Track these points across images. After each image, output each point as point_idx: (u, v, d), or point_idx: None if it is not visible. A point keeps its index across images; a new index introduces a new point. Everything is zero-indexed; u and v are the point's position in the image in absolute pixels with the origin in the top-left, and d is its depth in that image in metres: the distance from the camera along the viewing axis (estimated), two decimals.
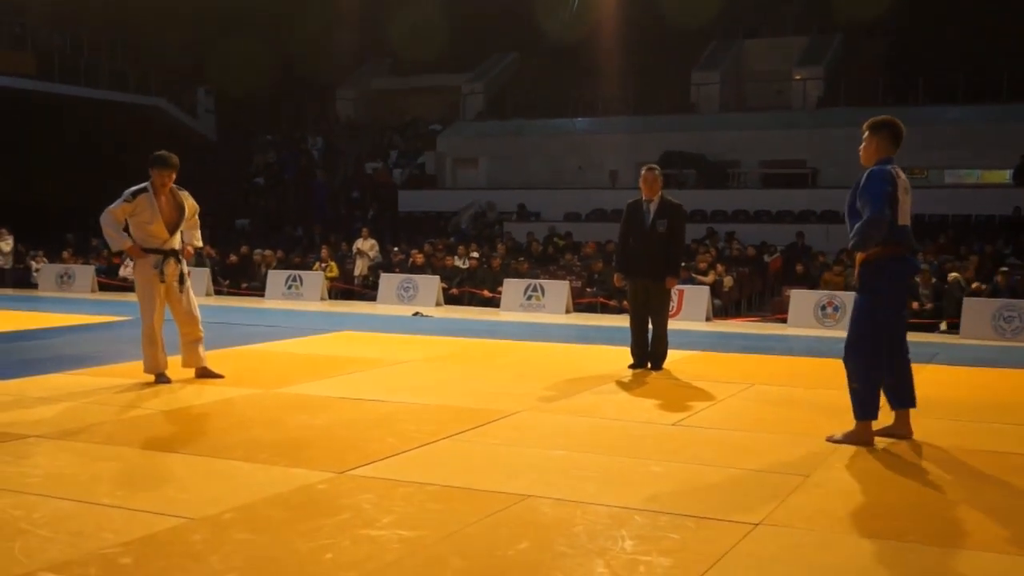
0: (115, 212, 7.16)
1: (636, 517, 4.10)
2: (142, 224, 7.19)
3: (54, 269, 19.54)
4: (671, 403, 6.81)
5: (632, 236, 8.28)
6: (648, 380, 7.88)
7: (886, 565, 3.58)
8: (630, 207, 8.42)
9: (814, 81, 24.78)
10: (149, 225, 7.18)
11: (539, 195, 23.03)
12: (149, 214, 7.17)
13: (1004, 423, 6.23)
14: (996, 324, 12.39)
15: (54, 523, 3.92)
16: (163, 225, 7.21)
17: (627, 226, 8.36)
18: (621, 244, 8.53)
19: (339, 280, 18.10)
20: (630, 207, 8.42)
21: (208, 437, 5.71)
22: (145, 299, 7.27)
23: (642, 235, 8.20)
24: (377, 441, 5.42)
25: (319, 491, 4.44)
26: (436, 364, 8.74)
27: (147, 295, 7.25)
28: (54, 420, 5.91)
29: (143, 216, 7.16)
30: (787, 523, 4.04)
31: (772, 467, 4.97)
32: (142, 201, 7.15)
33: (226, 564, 3.49)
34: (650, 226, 8.19)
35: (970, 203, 20.10)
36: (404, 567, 3.50)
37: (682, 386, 7.60)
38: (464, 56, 28.35)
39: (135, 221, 7.19)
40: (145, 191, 7.18)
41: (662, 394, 7.21)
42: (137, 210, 7.15)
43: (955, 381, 8.21)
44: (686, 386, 7.60)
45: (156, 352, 7.25)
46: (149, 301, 7.25)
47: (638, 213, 8.29)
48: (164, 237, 7.23)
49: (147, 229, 7.19)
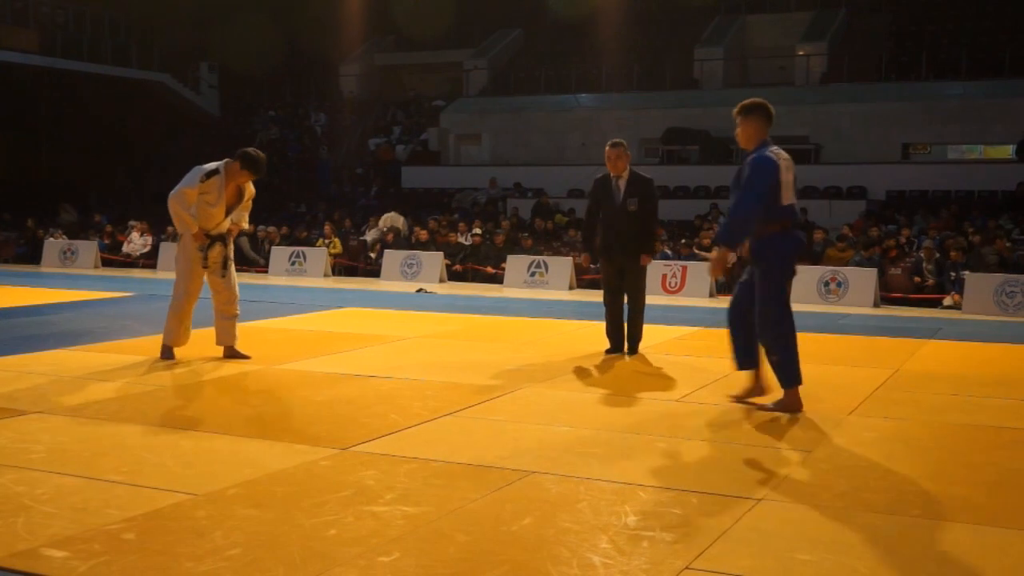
0: (188, 193, 7.05)
1: (639, 493, 4.08)
2: (205, 205, 7.10)
3: (57, 245, 19.51)
4: (674, 379, 6.79)
5: (603, 214, 7.83)
6: (651, 356, 7.86)
7: (888, 539, 3.57)
8: (598, 183, 7.91)
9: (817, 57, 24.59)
10: (212, 208, 7.11)
11: (542, 171, 22.94)
12: (215, 197, 7.09)
13: (1006, 398, 6.20)
14: (998, 299, 12.34)
15: (57, 499, 3.91)
16: (223, 209, 7.16)
17: (595, 204, 7.91)
18: (588, 222, 8.10)
19: (343, 256, 18.07)
20: (598, 183, 7.91)
21: (212, 413, 5.70)
22: (184, 276, 7.24)
23: (613, 213, 7.75)
24: (380, 417, 5.41)
25: (322, 467, 4.43)
26: (439, 341, 8.72)
27: (188, 272, 7.21)
28: (57, 396, 5.90)
29: (209, 198, 7.09)
30: (790, 498, 4.03)
31: (775, 442, 4.95)
32: (213, 183, 7.06)
33: (229, 540, 3.48)
34: (621, 203, 7.72)
35: (973, 178, 20.00)
36: (407, 543, 3.48)
37: (685, 362, 7.58)
38: (467, 32, 28.18)
39: (200, 200, 7.09)
40: (217, 173, 7.07)
41: (666, 370, 7.19)
42: (206, 191, 7.07)
43: (957, 356, 8.18)
44: (690, 362, 7.57)
45: (179, 327, 7.23)
46: (187, 278, 7.21)
47: (607, 190, 7.81)
48: (219, 220, 7.19)
49: (208, 211, 7.11)
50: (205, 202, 7.10)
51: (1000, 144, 22.02)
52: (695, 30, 25.87)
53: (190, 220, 7.07)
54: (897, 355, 8.01)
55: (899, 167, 21.32)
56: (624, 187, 7.77)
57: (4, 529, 3.57)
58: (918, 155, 22.53)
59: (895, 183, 20.48)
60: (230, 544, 3.44)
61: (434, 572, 3.24)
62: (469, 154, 25.87)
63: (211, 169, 7.10)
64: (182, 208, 7.05)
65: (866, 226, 16.53)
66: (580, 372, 7.04)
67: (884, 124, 21.79)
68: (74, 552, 3.35)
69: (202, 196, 7.09)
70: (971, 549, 3.50)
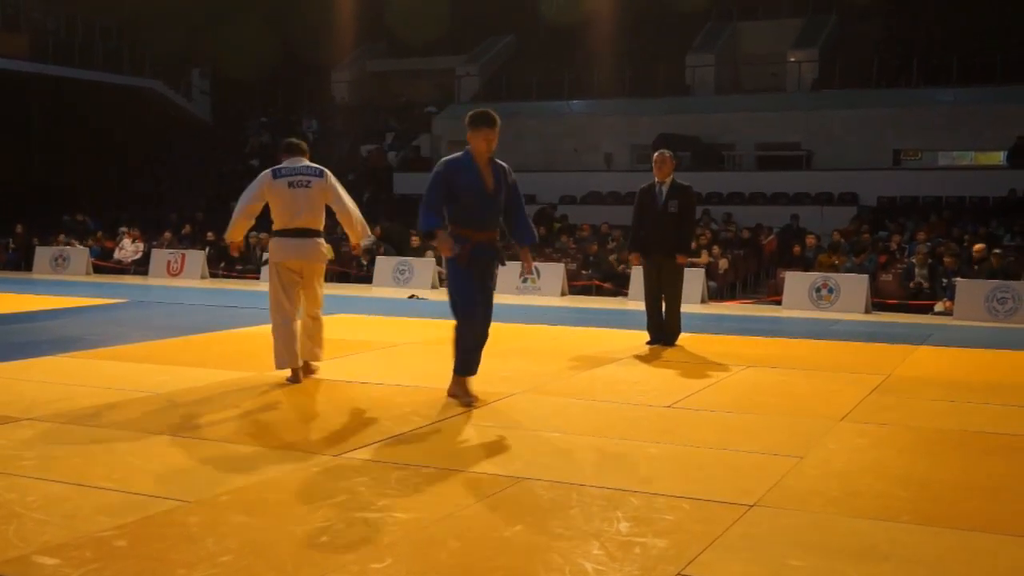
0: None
1: (631, 499, 4.09)
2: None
3: (48, 252, 19.46)
4: (666, 385, 6.80)
5: (645, 216, 8.77)
6: (646, 362, 7.88)
7: (880, 545, 3.58)
8: (642, 191, 8.87)
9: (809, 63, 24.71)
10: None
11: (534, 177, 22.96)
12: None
13: (997, 404, 6.23)
14: (989, 305, 12.39)
15: (48, 506, 3.90)
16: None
17: (640, 208, 8.86)
18: (635, 226, 8.95)
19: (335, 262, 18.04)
20: (642, 191, 8.87)
21: (204, 420, 5.69)
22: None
23: (655, 216, 8.64)
24: (372, 424, 5.41)
25: (315, 474, 4.43)
26: (432, 347, 8.72)
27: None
28: (48, 403, 5.88)
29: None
30: (781, 504, 4.04)
31: (766, 448, 4.97)
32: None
33: (221, 546, 3.48)
34: (662, 206, 8.67)
35: (964, 185, 20.10)
36: (399, 549, 3.49)
37: (677, 368, 7.59)
38: (459, 38, 28.22)
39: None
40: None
41: (657, 376, 7.21)
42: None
43: (948, 362, 8.21)
44: (681, 368, 7.59)
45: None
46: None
47: (650, 195, 8.76)
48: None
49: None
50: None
51: (991, 150, 22.12)
52: (687, 36, 25.96)
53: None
54: (888, 361, 8.04)
55: (890, 173, 21.41)
56: (666, 192, 8.70)
57: None
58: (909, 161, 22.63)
59: (886, 189, 20.57)
60: (222, 551, 3.44)
61: None
62: None
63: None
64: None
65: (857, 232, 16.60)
66: (572, 378, 7.05)
67: (875, 130, 21.89)
68: (65, 559, 3.34)
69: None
70: (963, 555, 3.52)
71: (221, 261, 18.65)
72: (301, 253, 6.64)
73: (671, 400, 6.20)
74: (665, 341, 8.70)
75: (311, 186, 6.55)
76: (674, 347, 8.61)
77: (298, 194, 6.53)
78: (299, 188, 6.53)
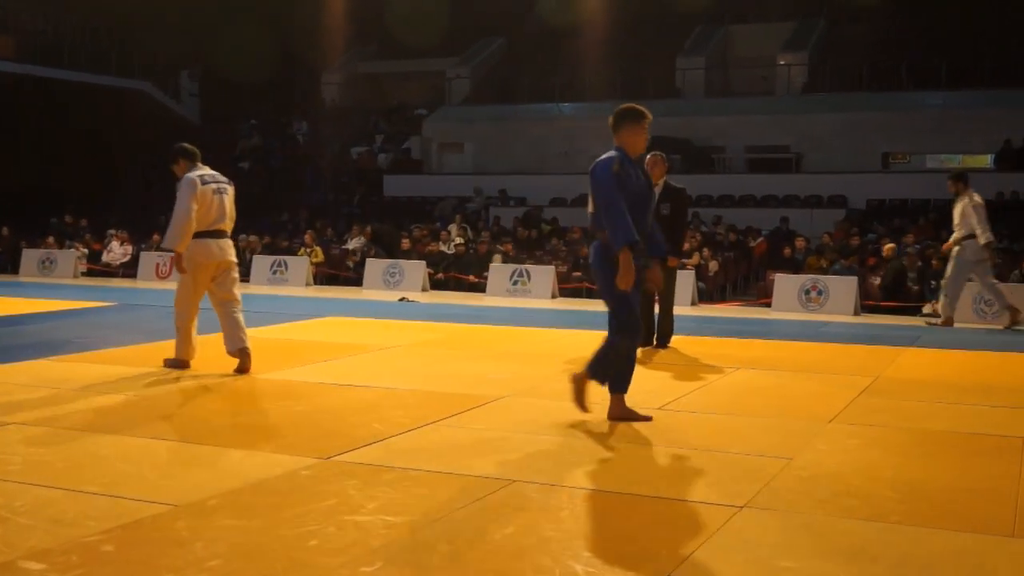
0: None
1: (622, 501, 4.09)
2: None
3: (35, 255, 19.37)
4: (656, 387, 6.80)
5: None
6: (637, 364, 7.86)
7: (870, 547, 3.59)
8: None
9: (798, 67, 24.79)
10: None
11: (525, 180, 22.98)
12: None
13: (987, 405, 6.25)
14: (977, 308, 12.44)
15: (35, 510, 3.88)
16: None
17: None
18: None
19: (325, 265, 18.04)
20: None
21: (192, 423, 5.66)
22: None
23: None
24: (363, 427, 5.39)
25: (304, 477, 4.41)
26: (422, 350, 8.71)
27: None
28: (35, 406, 5.85)
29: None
30: (771, 506, 4.04)
31: (756, 450, 4.97)
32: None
33: (210, 551, 3.46)
34: (655, 209, 8.42)
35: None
36: (390, 553, 3.47)
37: (668, 370, 7.59)
38: (450, 41, 28.21)
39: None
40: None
41: (647, 379, 7.20)
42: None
43: (937, 363, 8.23)
44: (672, 370, 7.59)
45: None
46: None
47: None
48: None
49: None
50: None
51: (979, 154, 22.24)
52: (677, 39, 26.04)
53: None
54: (877, 362, 8.06)
55: (879, 176, 21.50)
56: (659, 194, 8.45)
57: None
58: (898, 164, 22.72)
59: (875, 192, 20.66)
60: (211, 555, 3.42)
61: None
62: (451, 163, 25.89)
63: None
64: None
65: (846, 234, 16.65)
66: (562, 381, 7.03)
67: (864, 133, 21.98)
68: (52, 564, 3.32)
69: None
70: (952, 556, 3.52)
71: None
72: (225, 252, 7.24)
73: (662, 402, 6.20)
74: (658, 343, 8.73)
75: (228, 193, 7.29)
76: (667, 348, 8.64)
77: (220, 199, 7.20)
78: (221, 194, 7.21)
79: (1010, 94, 21.12)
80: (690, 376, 7.24)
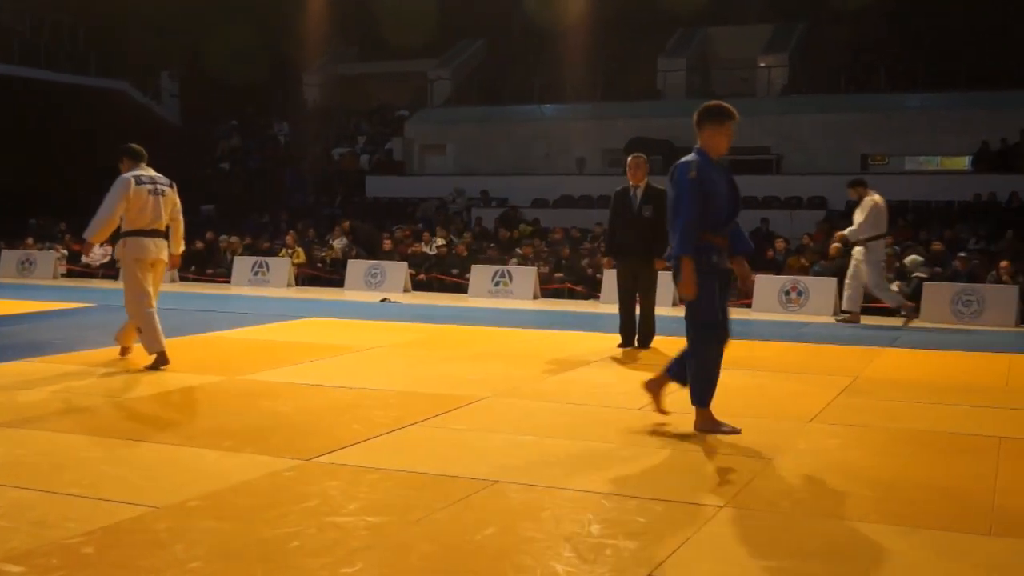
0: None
1: (603, 501, 4.10)
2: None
3: (14, 255, 19.22)
4: (636, 388, 6.80)
5: (620, 221, 8.75)
6: (618, 364, 7.90)
7: (848, 546, 3.62)
8: (617, 194, 8.83)
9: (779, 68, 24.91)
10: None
11: (506, 181, 22.99)
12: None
13: (965, 405, 6.30)
14: (955, 308, 12.54)
15: (15, 512, 3.85)
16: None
17: (615, 212, 8.84)
18: (610, 229, 9.05)
19: (306, 266, 17.98)
20: (617, 194, 8.83)
21: (173, 425, 5.64)
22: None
23: (629, 220, 8.64)
24: (344, 428, 5.39)
25: (285, 478, 4.40)
26: (403, 350, 8.71)
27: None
28: (15, 408, 5.81)
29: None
30: (751, 506, 4.07)
31: (736, 451, 5.00)
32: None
33: (190, 553, 3.45)
34: (637, 211, 8.65)
35: (930, 189, 20.33)
36: (371, 553, 3.48)
37: (648, 371, 7.60)
38: (431, 43, 28.17)
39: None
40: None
41: (627, 379, 7.23)
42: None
43: (915, 364, 8.30)
44: (652, 371, 7.59)
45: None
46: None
47: (625, 199, 8.73)
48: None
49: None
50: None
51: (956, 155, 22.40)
52: (658, 41, 26.10)
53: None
54: (856, 363, 8.11)
55: (859, 178, 21.57)
56: (640, 196, 8.68)
57: None
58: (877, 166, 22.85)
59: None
60: (191, 557, 3.41)
61: None
62: (433, 164, 25.86)
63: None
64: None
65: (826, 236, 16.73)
66: (544, 382, 7.06)
67: (844, 135, 22.10)
68: (31, 567, 3.30)
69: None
70: (930, 555, 3.56)
71: (191, 264, 18.50)
72: (160, 250, 7.49)
73: (643, 403, 6.22)
74: (640, 343, 8.76)
75: (166, 195, 7.49)
76: (648, 349, 8.66)
77: (156, 200, 7.42)
78: (157, 195, 7.42)
79: (988, 96, 21.28)
80: None
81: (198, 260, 18.65)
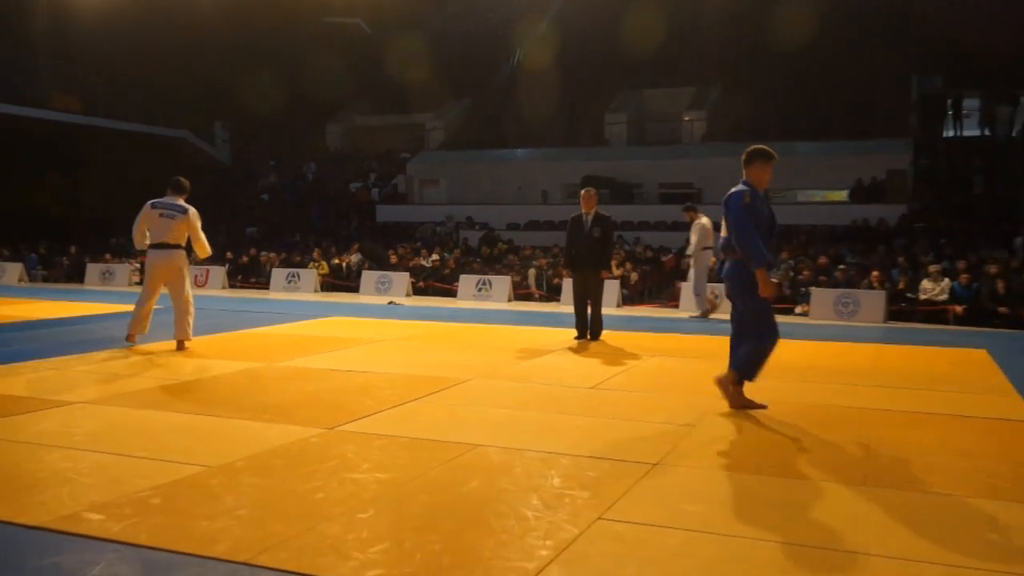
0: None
1: (562, 460, 4.10)
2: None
3: (98, 268, 18.98)
4: (590, 371, 6.83)
5: (574, 240, 8.79)
6: (574, 353, 7.90)
7: (754, 493, 3.64)
8: (573, 219, 8.83)
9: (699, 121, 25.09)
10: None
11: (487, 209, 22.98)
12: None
13: (843, 384, 6.36)
14: (836, 308, 12.65)
15: (95, 472, 3.80)
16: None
17: (570, 234, 8.88)
18: (567, 247, 8.94)
19: (329, 276, 17.87)
20: (573, 219, 8.83)
21: (222, 401, 5.59)
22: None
23: (581, 239, 8.68)
24: (358, 403, 5.36)
25: (312, 443, 4.37)
26: (406, 343, 8.67)
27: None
28: (95, 389, 5.74)
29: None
30: (678, 463, 4.08)
31: (667, 419, 5.01)
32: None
33: (238, 502, 3.42)
34: (588, 232, 8.69)
35: (816, 216, 20.54)
36: (380, 503, 3.46)
37: (599, 357, 7.63)
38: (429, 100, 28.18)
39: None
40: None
41: (583, 365, 7.24)
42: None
43: (805, 352, 8.36)
44: (602, 357, 7.63)
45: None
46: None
47: (579, 223, 8.77)
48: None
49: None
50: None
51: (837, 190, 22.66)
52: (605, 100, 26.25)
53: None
54: None
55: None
56: (591, 221, 8.73)
57: (53, 498, 3.46)
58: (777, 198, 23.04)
59: None
60: (238, 506, 3.38)
61: (401, 525, 3.22)
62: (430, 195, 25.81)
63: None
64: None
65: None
66: (517, 366, 7.05)
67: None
68: (109, 515, 3.26)
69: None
70: (817, 500, 3.58)
71: (238, 274, 18.34)
72: (164, 259, 7.67)
73: (594, 382, 6.23)
74: (591, 336, 8.74)
75: (175, 218, 7.64)
76: (598, 341, 8.65)
77: (165, 222, 7.62)
78: (166, 218, 7.63)
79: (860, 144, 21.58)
80: (617, 362, 7.28)
81: (244, 271, 18.50)
